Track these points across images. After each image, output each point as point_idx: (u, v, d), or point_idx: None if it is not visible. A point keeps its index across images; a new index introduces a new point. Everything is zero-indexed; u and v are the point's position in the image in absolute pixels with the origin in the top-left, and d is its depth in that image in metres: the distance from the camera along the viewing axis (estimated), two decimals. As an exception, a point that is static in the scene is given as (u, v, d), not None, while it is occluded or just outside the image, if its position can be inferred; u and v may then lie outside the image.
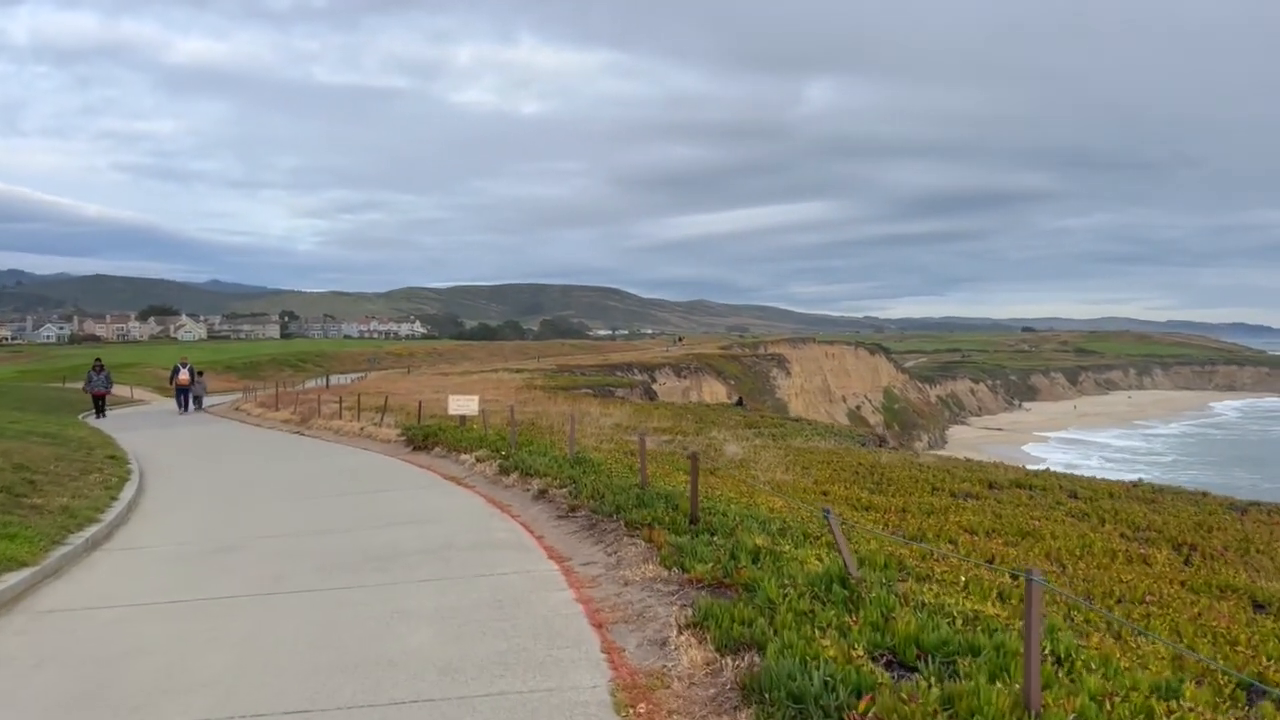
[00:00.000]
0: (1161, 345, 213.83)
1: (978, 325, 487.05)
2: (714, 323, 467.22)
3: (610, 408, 29.67)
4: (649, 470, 10.33)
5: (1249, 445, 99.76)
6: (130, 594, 6.91)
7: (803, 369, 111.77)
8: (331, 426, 24.09)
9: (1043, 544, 9.12)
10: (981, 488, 13.16)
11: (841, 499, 12.08)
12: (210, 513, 10.94)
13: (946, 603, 5.14)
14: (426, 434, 17.69)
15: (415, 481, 12.77)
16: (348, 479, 13.31)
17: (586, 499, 9.12)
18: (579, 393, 42.99)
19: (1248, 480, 76.28)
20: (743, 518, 7.70)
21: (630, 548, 7.16)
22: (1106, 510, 11.27)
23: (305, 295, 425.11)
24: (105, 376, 31.30)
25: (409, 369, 77.70)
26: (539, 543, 8.09)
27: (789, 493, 12.52)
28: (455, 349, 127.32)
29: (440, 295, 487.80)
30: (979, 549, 8.59)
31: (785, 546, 6.56)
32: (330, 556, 7.92)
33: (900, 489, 12.91)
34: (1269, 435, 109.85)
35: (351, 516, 10.03)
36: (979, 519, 10.34)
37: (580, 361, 76.12)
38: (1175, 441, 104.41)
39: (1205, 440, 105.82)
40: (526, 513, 9.61)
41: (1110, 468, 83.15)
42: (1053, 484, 13.49)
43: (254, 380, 59.79)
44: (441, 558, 7.64)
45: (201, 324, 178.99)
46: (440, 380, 49.54)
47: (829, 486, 13.11)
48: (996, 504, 11.72)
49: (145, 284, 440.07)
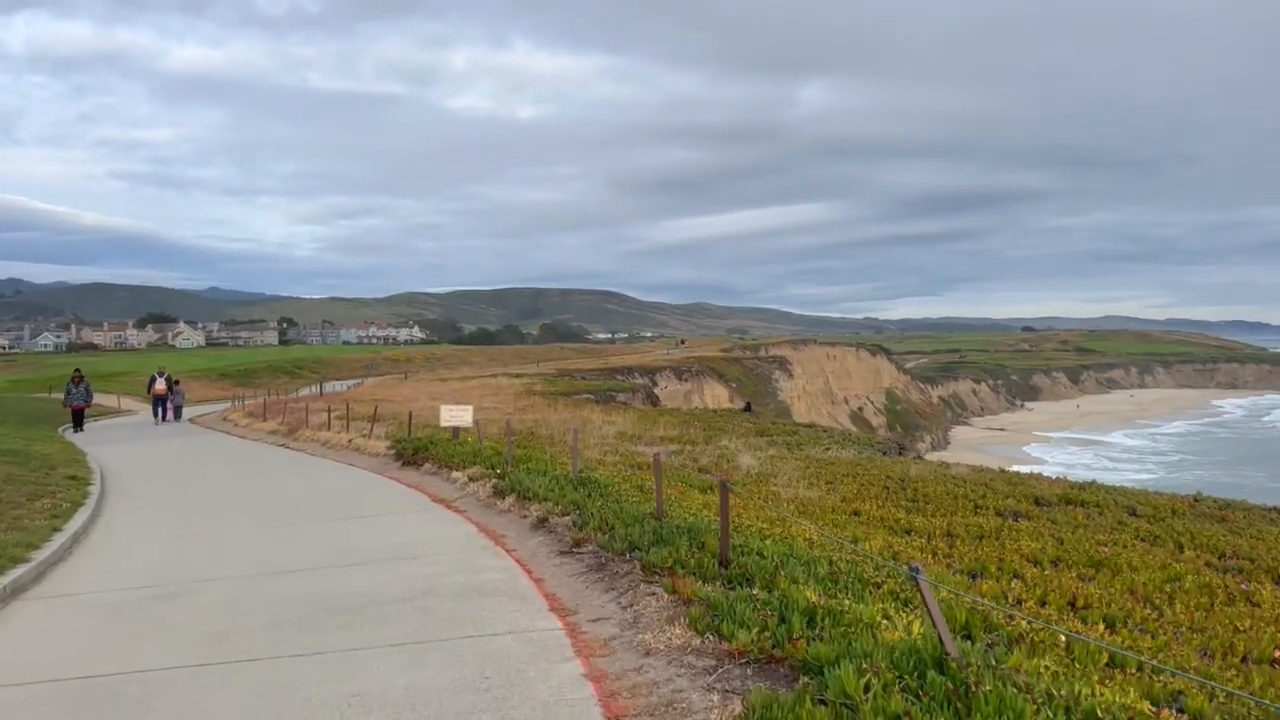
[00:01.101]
0: (1162, 343, 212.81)
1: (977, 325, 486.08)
2: (714, 325, 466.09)
3: (613, 414, 28.37)
4: (664, 492, 9.05)
5: (1254, 443, 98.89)
6: (29, 668, 5.59)
7: (804, 371, 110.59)
8: (319, 438, 22.79)
9: (1122, 578, 7.83)
10: (1028, 504, 11.87)
11: (876, 520, 10.79)
12: (164, 545, 9.64)
13: (1079, 691, 3.86)
14: (417, 448, 16.39)
15: (400, 504, 11.46)
16: (326, 502, 12.00)
17: (593, 531, 7.81)
18: (580, 398, 41.73)
19: (1255, 479, 75.29)
20: (782, 558, 6.41)
21: (649, 599, 5.86)
22: (1179, 532, 9.97)
23: (304, 301, 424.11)
24: (85, 389, 29.91)
25: (406, 375, 76.46)
26: (538, 588, 6.79)
27: (817, 513, 11.24)
28: (454, 354, 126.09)
29: (439, 300, 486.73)
30: (1053, 585, 7.30)
31: (844, 601, 5.27)
32: (288, 607, 6.62)
33: (939, 507, 11.62)
34: (1273, 433, 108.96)
35: (322, 550, 8.73)
36: (1039, 545, 9.05)
37: (580, 365, 74.86)
38: (1180, 440, 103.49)
39: (1210, 439, 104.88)
40: (524, 546, 8.30)
41: (1118, 468, 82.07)
42: (1107, 500, 12.18)
43: (248, 388, 58.45)
44: (420, 609, 6.35)
45: (200, 331, 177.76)
46: (438, 386, 48.24)
47: (859, 504, 11.82)
48: (1052, 525, 10.43)
49: (144, 292, 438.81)
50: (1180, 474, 78.93)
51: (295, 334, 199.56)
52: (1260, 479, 75.67)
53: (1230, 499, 12.98)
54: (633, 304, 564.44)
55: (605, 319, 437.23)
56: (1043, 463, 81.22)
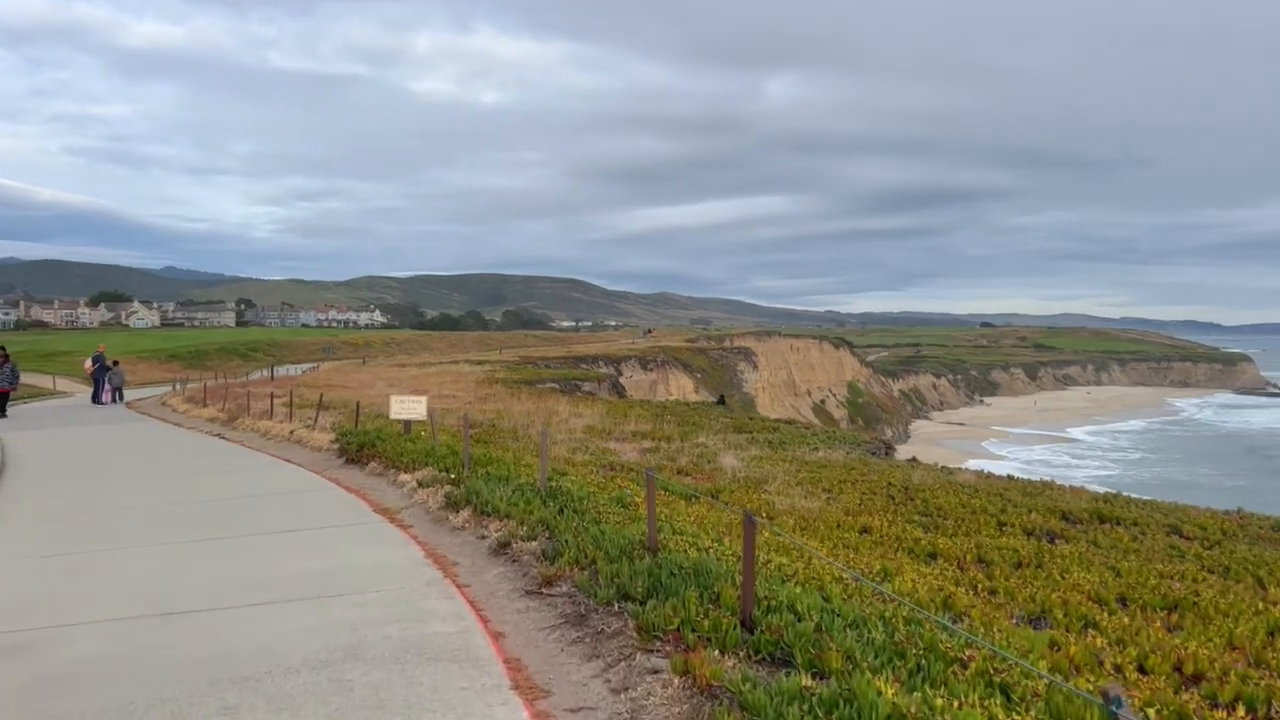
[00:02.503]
0: (1118, 342, 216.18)
1: (937, 320, 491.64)
2: (678, 315, 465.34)
3: (580, 406, 26.69)
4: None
5: (1209, 441, 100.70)
6: None
7: (769, 363, 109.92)
8: (259, 428, 20.86)
9: (1216, 627, 6.42)
10: (1056, 521, 10.49)
11: (892, 540, 9.31)
12: (34, 568, 7.82)
13: None
14: (363, 443, 14.61)
15: (335, 515, 9.72)
16: (249, 509, 10.22)
17: (569, 565, 6.19)
18: (544, 388, 39.94)
19: (1213, 477, 76.23)
20: (820, 614, 4.86)
21: (651, 680, 4.27)
22: (1250, 562, 8.61)
23: (264, 283, 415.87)
24: (10, 370, 27.52)
25: (364, 360, 74.07)
26: (497, 647, 5.15)
27: (822, 530, 9.73)
28: (414, 339, 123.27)
29: (402, 284, 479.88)
30: (1143, 640, 5.87)
31: (933, 697, 3.72)
32: (157, 679, 4.91)
33: (958, 524, 10.20)
34: (1224, 430, 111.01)
35: (229, 578, 7.00)
36: (1095, 577, 7.64)
37: (544, 353, 73.00)
38: (1139, 438, 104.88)
39: (1167, 436, 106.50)
40: (480, 580, 6.65)
41: (1081, 465, 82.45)
42: (1145, 517, 10.81)
43: (199, 370, 55.85)
44: (337, 683, 4.69)
45: (155, 311, 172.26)
46: (396, 372, 46.08)
47: (866, 518, 10.35)
48: (1096, 549, 9.05)
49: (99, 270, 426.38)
50: (1139, 471, 79.62)
51: (254, 316, 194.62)
52: (1217, 477, 76.71)
53: (1271, 515, 11.72)
54: (597, 292, 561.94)
55: (570, 307, 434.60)
56: (1003, 459, 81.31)
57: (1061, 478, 71.18)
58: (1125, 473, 79.36)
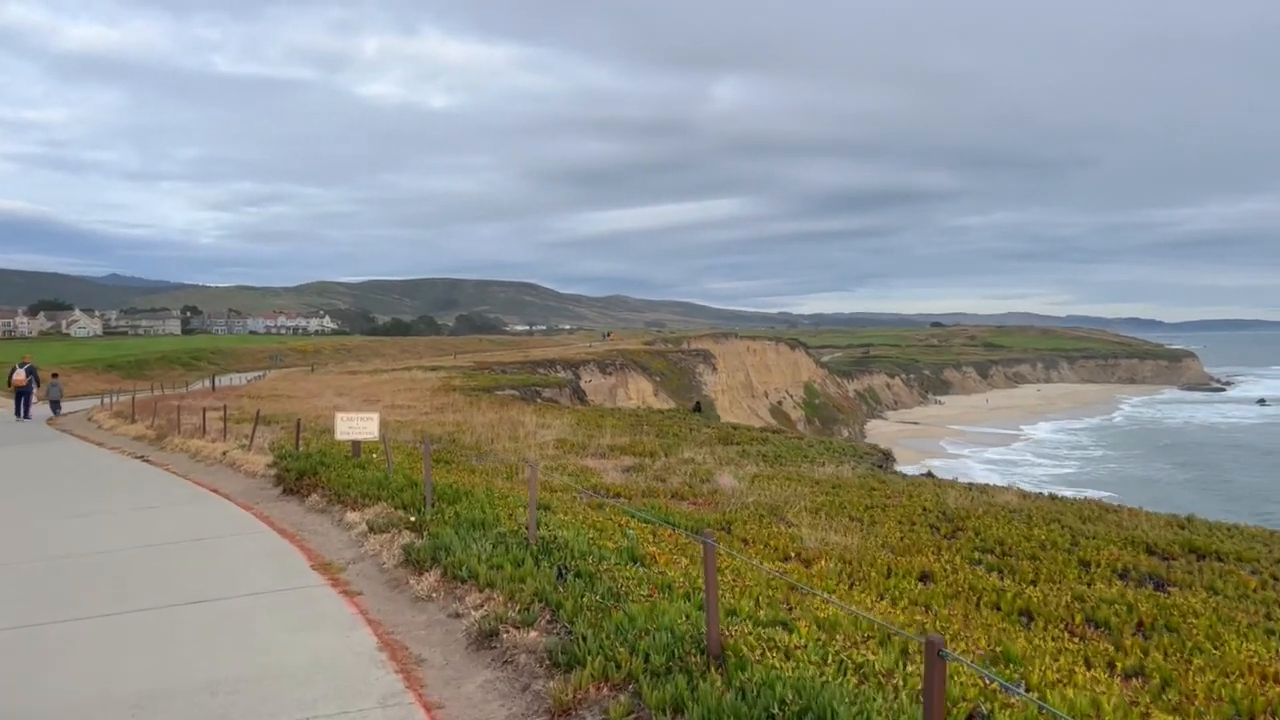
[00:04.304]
0: (1065, 340, 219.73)
1: (887, 320, 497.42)
2: (632, 318, 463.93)
3: (547, 416, 24.59)
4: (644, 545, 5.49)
5: (1161, 435, 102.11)
6: None
7: (727, 365, 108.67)
8: (189, 448, 18.46)
9: None
10: (1141, 555, 8.78)
11: (964, 590, 7.48)
12: None
13: None
14: (304, 470, 12.42)
15: (260, 576, 7.57)
16: (149, 569, 8.02)
17: (593, 680, 4.22)
18: (503, 394, 37.71)
19: (1167, 471, 76.96)
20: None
21: None
22: None
23: (211, 290, 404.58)
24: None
25: (313, 367, 71.08)
26: None
27: (874, 578, 7.85)
28: (366, 345, 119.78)
29: (352, 290, 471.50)
30: None
31: None
32: None
33: (1031, 563, 8.42)
34: (1173, 426, 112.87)
35: (96, 697, 4.88)
36: (1262, 649, 5.91)
37: (500, 358, 70.57)
38: (1096, 435, 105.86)
39: (1122, 432, 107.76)
40: (460, 696, 4.62)
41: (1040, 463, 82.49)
42: (1244, 550, 9.13)
43: (139, 381, 52.27)
44: None
45: (97, 319, 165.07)
46: (347, 380, 43.44)
47: (919, 558, 8.52)
48: (1219, 597, 7.34)
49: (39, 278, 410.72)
50: (1101, 468, 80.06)
51: (200, 323, 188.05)
52: (1170, 471, 77.44)
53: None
54: (551, 296, 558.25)
55: (523, 311, 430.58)
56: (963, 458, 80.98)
57: (1026, 476, 70.23)
58: (1084, 470, 79.83)
